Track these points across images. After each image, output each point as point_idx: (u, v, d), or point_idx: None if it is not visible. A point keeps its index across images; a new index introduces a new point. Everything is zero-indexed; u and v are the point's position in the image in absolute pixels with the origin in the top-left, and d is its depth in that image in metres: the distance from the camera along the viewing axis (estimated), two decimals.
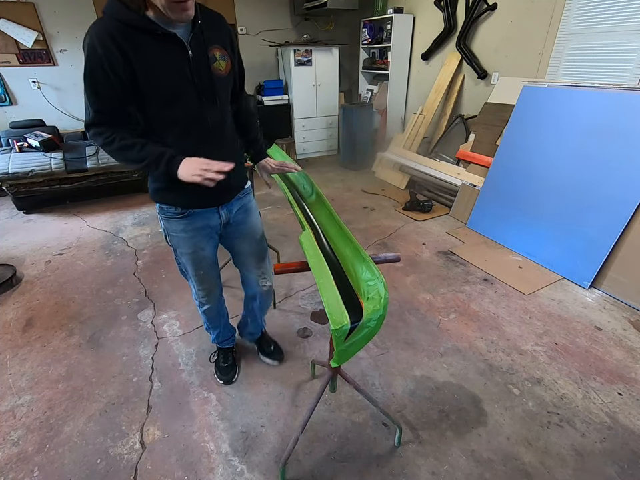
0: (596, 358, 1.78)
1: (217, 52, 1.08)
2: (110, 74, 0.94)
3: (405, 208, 3.47)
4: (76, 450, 1.40)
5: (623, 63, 2.63)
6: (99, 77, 0.95)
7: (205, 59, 1.05)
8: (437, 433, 1.44)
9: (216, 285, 1.49)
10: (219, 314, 1.61)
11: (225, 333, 1.70)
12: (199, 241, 1.29)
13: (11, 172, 3.25)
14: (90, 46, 0.93)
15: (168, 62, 0.99)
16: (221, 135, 1.18)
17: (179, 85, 1.03)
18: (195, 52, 1.02)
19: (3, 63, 3.81)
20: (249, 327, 1.73)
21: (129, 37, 0.93)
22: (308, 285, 2.36)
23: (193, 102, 1.06)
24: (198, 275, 1.39)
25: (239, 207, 1.33)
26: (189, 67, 1.02)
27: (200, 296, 1.48)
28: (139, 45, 0.95)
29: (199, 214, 1.23)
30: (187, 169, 1.01)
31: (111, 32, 0.91)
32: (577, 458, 1.35)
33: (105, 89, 0.97)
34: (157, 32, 0.94)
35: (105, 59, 0.92)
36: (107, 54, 0.92)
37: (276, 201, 3.71)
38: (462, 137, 3.66)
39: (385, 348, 1.86)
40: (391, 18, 4.21)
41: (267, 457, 1.37)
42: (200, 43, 1.04)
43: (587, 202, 2.35)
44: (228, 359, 1.71)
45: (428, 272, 2.51)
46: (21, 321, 2.09)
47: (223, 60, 1.10)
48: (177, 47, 1.00)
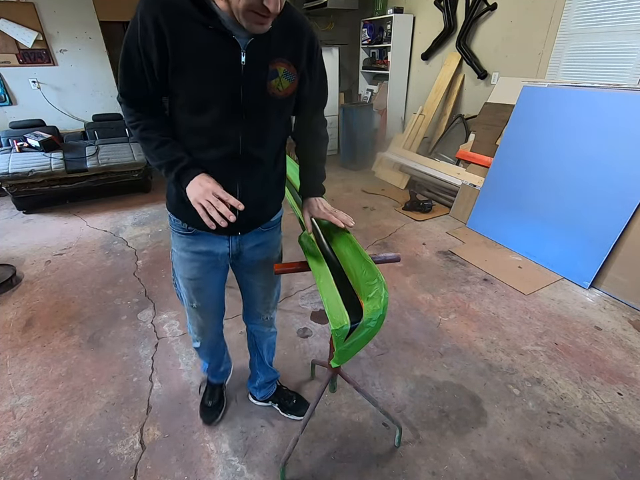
0: (596, 358, 1.78)
1: (282, 67, 0.87)
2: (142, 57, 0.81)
3: (405, 208, 3.47)
4: (76, 450, 1.40)
5: (623, 63, 2.63)
6: (131, 55, 0.82)
7: (262, 72, 0.85)
8: (436, 433, 1.44)
9: (212, 325, 1.26)
10: (212, 354, 1.41)
11: (216, 370, 1.50)
12: (199, 267, 1.09)
13: (10, 172, 3.25)
14: (135, 16, 0.79)
15: (213, 62, 0.82)
16: (259, 167, 0.97)
17: (217, 93, 0.85)
18: (251, 60, 0.83)
19: (3, 63, 3.81)
20: (258, 377, 1.49)
21: (174, 19, 0.78)
22: (308, 285, 2.36)
23: (228, 118, 0.87)
24: (191, 306, 1.18)
25: (258, 242, 1.11)
26: (237, 76, 0.83)
27: (191, 330, 1.29)
28: (184, 31, 0.79)
29: (204, 236, 1.04)
30: (196, 190, 0.86)
31: (159, 6, 0.77)
32: (577, 458, 1.35)
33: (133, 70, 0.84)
34: (208, 27, 0.78)
35: (141, 38, 0.79)
36: (144, 33, 0.78)
37: None
38: (462, 136, 3.66)
39: (384, 348, 1.86)
40: (391, 18, 4.21)
41: (266, 457, 1.37)
42: (262, 50, 0.83)
43: (587, 202, 2.35)
44: (214, 396, 1.52)
45: (428, 272, 2.51)
46: (21, 321, 2.09)
47: (286, 79, 0.88)
48: (229, 48, 0.81)
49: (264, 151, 0.97)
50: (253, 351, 1.44)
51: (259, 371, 1.47)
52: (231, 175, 0.93)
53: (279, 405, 1.54)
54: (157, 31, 0.78)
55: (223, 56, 0.82)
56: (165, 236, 3.03)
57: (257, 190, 0.99)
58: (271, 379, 1.51)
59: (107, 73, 4.32)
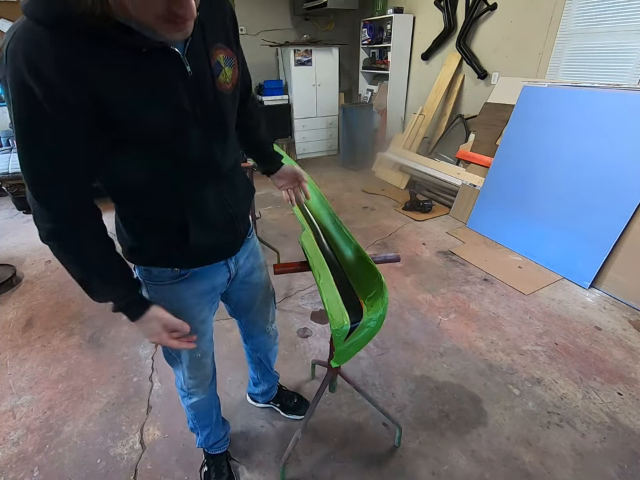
0: (596, 358, 1.78)
1: (222, 54, 0.72)
2: (62, 114, 0.57)
3: (405, 208, 3.47)
4: (76, 450, 1.40)
5: (623, 63, 2.63)
6: (45, 121, 0.57)
7: (208, 73, 0.69)
8: (436, 433, 1.44)
9: (211, 367, 1.12)
10: (210, 407, 1.20)
11: (217, 432, 1.27)
12: (200, 312, 0.95)
13: (10, 172, 3.25)
14: (17, 80, 0.54)
15: (157, 89, 0.63)
16: (235, 172, 0.88)
17: (179, 123, 0.68)
18: (195, 65, 0.66)
19: None
20: (261, 385, 1.44)
21: (88, 56, 0.56)
22: (308, 285, 2.36)
23: (195, 141, 0.72)
24: (193, 359, 1.02)
25: (247, 253, 1.02)
26: (188, 90, 0.67)
27: (189, 385, 1.09)
28: (111, 65, 0.58)
29: (203, 273, 0.89)
30: (147, 330, 0.79)
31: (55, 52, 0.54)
32: (577, 458, 1.35)
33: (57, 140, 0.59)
34: (141, 49, 0.59)
35: (50, 94, 0.55)
36: (52, 89, 0.54)
37: (276, 201, 3.71)
38: (462, 137, 3.66)
39: (384, 348, 1.86)
40: (391, 18, 4.21)
41: (267, 457, 1.37)
42: (200, 50, 0.67)
43: (587, 202, 2.35)
44: (222, 471, 1.28)
45: (428, 272, 2.51)
46: (21, 321, 2.09)
47: (228, 66, 0.73)
48: (167, 64, 0.63)
49: (234, 155, 0.87)
50: (258, 365, 1.37)
51: (263, 380, 1.43)
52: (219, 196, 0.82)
53: (280, 406, 1.52)
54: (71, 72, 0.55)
55: (166, 73, 0.64)
56: None
57: (241, 196, 0.91)
58: (274, 383, 1.49)
59: None
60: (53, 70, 0.54)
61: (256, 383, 1.46)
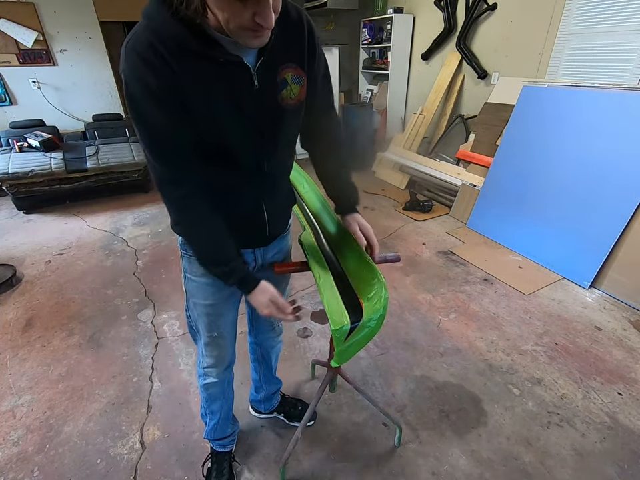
0: (596, 358, 1.78)
1: (290, 73, 0.79)
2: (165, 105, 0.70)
3: (405, 208, 3.47)
4: (76, 450, 1.40)
5: (623, 63, 2.63)
6: (158, 113, 0.70)
7: (272, 88, 0.78)
8: (436, 432, 1.44)
9: (230, 353, 1.16)
10: (222, 394, 1.23)
11: (225, 425, 1.29)
12: (218, 291, 1.01)
13: (11, 172, 3.25)
14: (135, 73, 0.67)
15: (226, 94, 0.73)
16: (280, 181, 0.95)
17: (236, 123, 0.77)
18: (262, 80, 0.75)
19: (3, 63, 3.81)
20: (263, 390, 1.44)
21: (181, 58, 0.68)
22: (308, 285, 2.36)
23: (248, 144, 0.81)
24: (211, 336, 1.08)
25: (277, 250, 1.08)
26: (252, 100, 0.76)
27: (206, 364, 1.14)
28: (194, 72, 0.69)
29: None
30: (259, 300, 0.88)
31: (160, 50, 0.66)
32: (577, 458, 1.35)
33: (166, 128, 0.72)
34: (218, 59, 0.69)
35: (158, 86, 0.67)
36: (156, 79, 0.67)
37: None
38: (462, 137, 3.66)
39: (384, 348, 1.86)
40: (391, 18, 4.21)
41: (267, 457, 1.37)
42: (270, 65, 0.76)
43: (587, 202, 2.35)
44: (223, 472, 1.29)
45: (428, 272, 2.51)
46: (21, 321, 2.09)
47: (296, 84, 0.81)
48: (239, 74, 0.73)
49: (283, 165, 0.95)
50: (260, 363, 1.38)
51: (265, 383, 1.42)
52: (257, 199, 0.90)
53: (285, 415, 1.51)
54: (171, 71, 0.67)
55: (237, 82, 0.73)
56: (165, 236, 3.03)
57: (280, 204, 0.98)
58: (276, 389, 1.47)
59: (107, 73, 4.32)
60: (159, 63, 0.66)
61: (258, 387, 1.45)
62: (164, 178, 0.78)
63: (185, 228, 0.86)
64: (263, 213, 0.93)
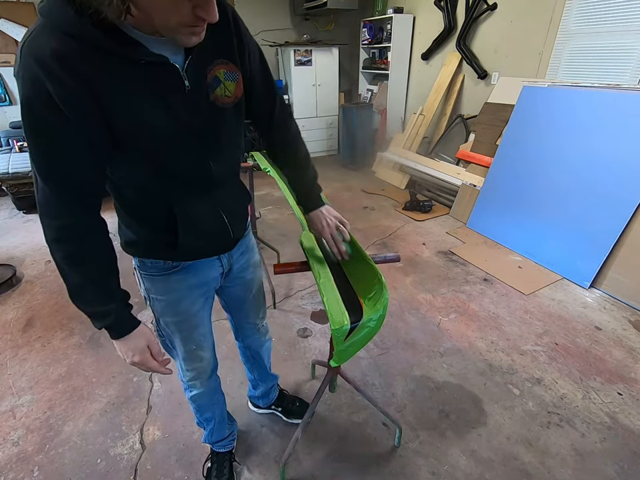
0: (596, 358, 1.78)
1: (222, 70, 0.73)
2: (72, 118, 0.60)
3: (405, 208, 3.47)
4: (76, 450, 1.40)
5: (623, 63, 2.63)
6: (55, 124, 0.60)
7: (204, 87, 0.72)
8: (436, 433, 1.44)
9: (210, 362, 1.12)
10: (211, 402, 1.21)
11: (221, 429, 1.27)
12: (192, 304, 0.96)
13: (11, 172, 3.25)
14: (29, 75, 0.57)
15: (153, 99, 0.66)
16: (230, 185, 0.90)
17: (171, 130, 0.70)
18: (193, 80, 0.69)
19: (3, 63, 3.81)
20: (260, 387, 1.44)
21: (92, 61, 0.59)
22: (308, 285, 2.36)
23: (189, 152, 0.75)
24: (188, 351, 1.03)
25: (242, 249, 1.04)
26: (184, 103, 0.70)
27: (188, 377, 1.10)
28: (113, 78, 0.61)
29: (196, 266, 0.92)
30: (135, 344, 0.79)
31: (62, 53, 0.56)
32: (577, 458, 1.35)
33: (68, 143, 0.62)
34: (139, 61, 0.62)
35: (60, 90, 0.57)
36: (60, 86, 0.57)
37: (276, 201, 3.71)
38: (462, 137, 3.66)
39: (384, 348, 1.86)
40: (391, 18, 4.21)
41: (266, 457, 1.37)
42: (199, 64, 0.70)
43: (587, 202, 2.35)
44: (223, 471, 1.28)
45: (428, 272, 2.51)
46: (21, 321, 2.09)
47: (230, 80, 0.75)
48: (166, 76, 0.66)
49: (231, 167, 0.89)
50: (252, 364, 1.37)
51: (260, 381, 1.43)
52: (213, 206, 0.85)
53: (282, 410, 1.51)
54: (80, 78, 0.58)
55: (165, 85, 0.67)
56: None
57: (236, 206, 0.94)
58: (272, 384, 1.48)
59: None
60: (61, 69, 0.57)
61: (255, 385, 1.45)
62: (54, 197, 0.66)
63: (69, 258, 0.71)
64: (222, 219, 0.88)
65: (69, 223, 0.68)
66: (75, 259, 0.71)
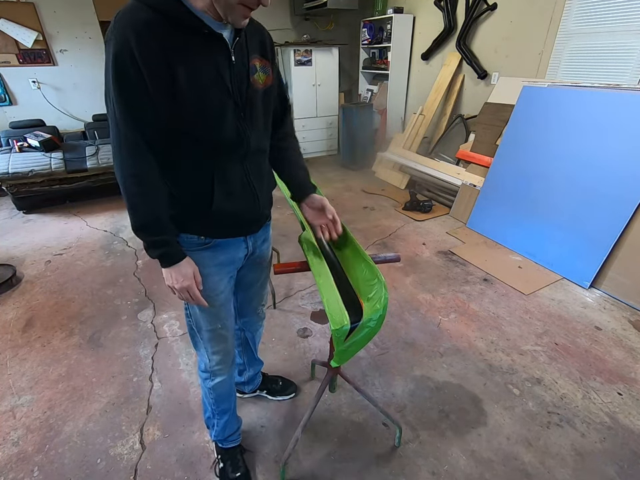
0: (596, 358, 1.78)
1: (258, 62, 0.89)
2: (150, 80, 0.75)
3: (405, 208, 3.47)
4: (76, 450, 1.40)
5: (623, 63, 2.63)
6: (136, 82, 0.75)
7: (245, 69, 0.86)
8: (436, 432, 1.44)
9: (232, 344, 1.17)
10: (231, 389, 1.25)
11: (234, 420, 1.30)
12: (220, 280, 1.03)
13: (10, 172, 3.25)
14: (121, 40, 0.72)
15: (212, 69, 0.81)
16: (262, 161, 1.00)
17: (222, 98, 0.84)
18: (237, 59, 0.84)
19: (3, 63, 3.81)
20: (247, 372, 1.48)
21: (169, 33, 0.75)
22: (308, 285, 2.36)
23: (233, 120, 0.87)
24: (215, 330, 1.08)
25: (264, 237, 1.13)
26: (230, 73, 0.83)
27: (213, 363, 1.13)
28: (182, 44, 0.76)
29: (225, 245, 1.00)
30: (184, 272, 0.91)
31: (149, 22, 0.73)
32: (577, 458, 1.35)
33: (142, 100, 0.77)
34: (203, 30, 0.77)
35: (144, 59, 0.73)
36: (146, 52, 0.73)
37: (276, 201, 3.68)
38: (462, 137, 3.66)
39: (384, 348, 1.86)
40: (391, 18, 4.21)
41: (266, 457, 1.37)
42: (243, 49, 0.86)
43: (587, 202, 2.35)
44: (238, 465, 1.29)
45: (428, 272, 2.51)
46: (21, 321, 2.09)
47: (263, 72, 0.91)
48: (220, 51, 0.81)
49: (262, 145, 0.98)
50: (245, 347, 1.41)
51: (248, 365, 1.47)
52: (245, 175, 0.94)
53: (267, 392, 1.58)
54: (160, 45, 0.74)
55: (219, 58, 0.81)
56: None
57: (265, 184, 1.02)
58: (258, 369, 1.53)
59: None
60: (148, 33, 0.73)
61: (241, 371, 1.49)
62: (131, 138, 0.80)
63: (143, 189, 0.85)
64: (254, 191, 0.97)
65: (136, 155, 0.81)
66: (144, 188, 0.84)
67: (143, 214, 0.86)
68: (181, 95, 0.78)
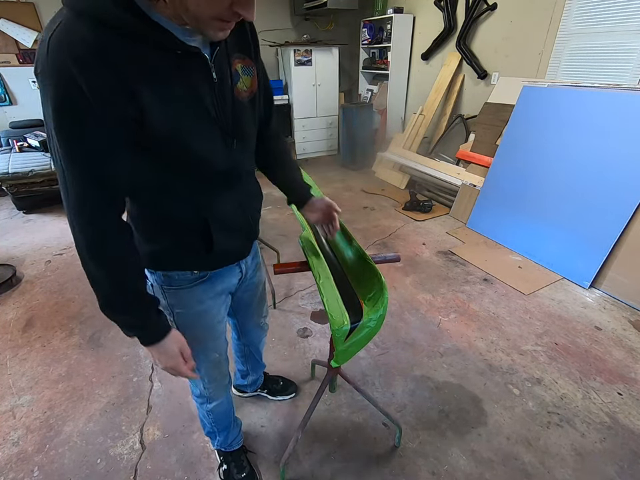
0: (596, 358, 1.78)
1: (240, 64, 0.74)
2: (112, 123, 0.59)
3: (405, 208, 3.47)
4: (76, 450, 1.40)
5: (623, 63, 2.63)
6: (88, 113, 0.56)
7: (228, 81, 0.71)
8: (436, 432, 1.44)
9: (227, 366, 1.12)
10: (229, 406, 1.21)
11: (235, 429, 1.28)
12: (218, 312, 0.97)
13: (10, 172, 3.25)
14: (62, 77, 0.53)
15: (189, 95, 0.66)
16: (251, 180, 0.90)
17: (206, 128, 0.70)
18: (219, 72, 0.69)
19: (3, 63, 3.81)
20: (250, 376, 1.47)
21: (128, 54, 0.57)
22: (308, 285, 2.36)
23: (222, 150, 0.75)
24: (212, 361, 1.03)
25: (253, 253, 1.04)
26: (212, 95, 0.69)
27: (210, 390, 1.09)
28: (148, 66, 0.60)
29: (220, 274, 0.92)
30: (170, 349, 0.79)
31: (97, 45, 0.54)
32: (577, 458, 1.35)
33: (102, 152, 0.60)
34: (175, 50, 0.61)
35: (96, 98, 0.55)
36: (99, 88, 0.55)
37: (276, 201, 3.71)
38: (462, 137, 3.66)
39: (385, 348, 1.86)
40: (391, 18, 4.20)
41: (266, 457, 1.37)
42: (223, 57, 0.70)
43: (587, 202, 2.35)
44: (243, 465, 1.28)
45: (428, 272, 2.51)
46: (21, 321, 2.09)
47: (246, 75, 0.76)
48: (199, 70, 0.66)
49: (250, 163, 0.89)
50: (248, 358, 1.39)
51: (252, 371, 1.46)
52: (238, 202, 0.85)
53: (268, 391, 1.57)
54: (114, 70, 0.56)
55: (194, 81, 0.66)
56: None
57: (254, 205, 0.93)
58: (262, 371, 1.53)
59: None
60: (97, 60, 0.54)
61: (244, 375, 1.48)
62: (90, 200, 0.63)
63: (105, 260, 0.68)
64: (246, 215, 0.89)
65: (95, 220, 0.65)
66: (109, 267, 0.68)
67: (106, 289, 0.70)
68: (154, 136, 0.63)
